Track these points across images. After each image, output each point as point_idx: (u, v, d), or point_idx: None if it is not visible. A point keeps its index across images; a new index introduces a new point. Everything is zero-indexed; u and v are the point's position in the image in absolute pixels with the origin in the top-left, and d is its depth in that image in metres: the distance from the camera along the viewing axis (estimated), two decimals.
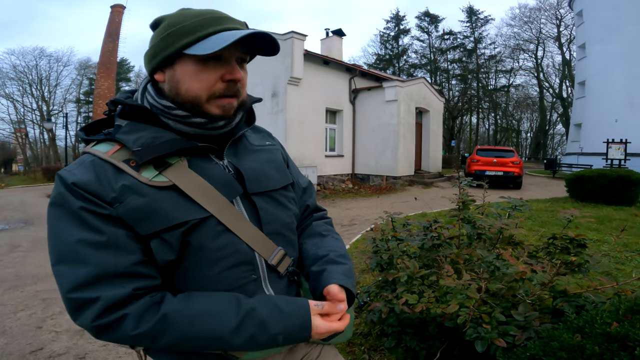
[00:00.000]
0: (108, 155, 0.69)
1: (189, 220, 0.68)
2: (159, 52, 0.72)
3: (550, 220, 6.16)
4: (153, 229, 0.66)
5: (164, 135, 0.72)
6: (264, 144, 0.91)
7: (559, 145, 39.88)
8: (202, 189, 0.70)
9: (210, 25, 0.70)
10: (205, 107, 0.72)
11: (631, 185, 7.61)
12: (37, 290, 3.83)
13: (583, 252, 1.89)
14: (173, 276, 0.71)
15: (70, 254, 0.63)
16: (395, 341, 2.14)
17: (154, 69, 0.74)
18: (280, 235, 0.81)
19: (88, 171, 0.67)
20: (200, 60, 0.70)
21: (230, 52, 0.71)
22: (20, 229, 7.20)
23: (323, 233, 0.92)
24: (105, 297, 0.62)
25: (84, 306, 0.62)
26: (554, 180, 15.78)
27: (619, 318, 1.14)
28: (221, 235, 0.71)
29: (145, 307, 0.64)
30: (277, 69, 11.78)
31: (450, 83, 37.47)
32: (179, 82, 0.72)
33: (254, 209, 0.78)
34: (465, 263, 2.03)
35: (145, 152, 0.68)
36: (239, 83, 0.74)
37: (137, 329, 0.63)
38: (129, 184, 0.66)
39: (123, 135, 0.71)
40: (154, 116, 0.75)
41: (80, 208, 0.64)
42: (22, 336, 2.82)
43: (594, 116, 19.99)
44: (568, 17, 30.53)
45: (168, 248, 0.67)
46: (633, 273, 3.28)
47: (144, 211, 0.66)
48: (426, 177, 14.17)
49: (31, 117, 33.34)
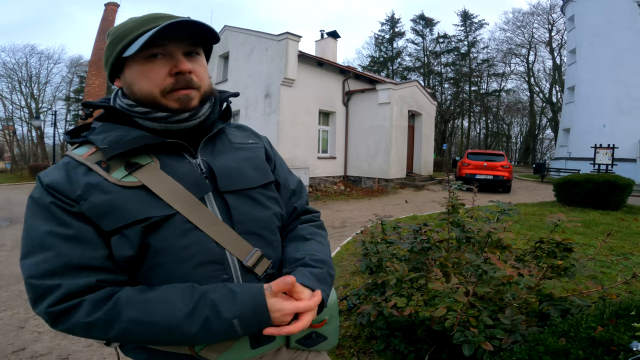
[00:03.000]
0: (83, 158, 0.72)
1: (151, 217, 0.68)
2: (106, 61, 0.77)
3: (538, 224, 6.23)
4: (115, 225, 0.67)
5: (131, 133, 0.74)
6: (246, 142, 0.89)
7: (547, 149, 40.41)
8: (170, 188, 0.71)
9: (142, 26, 0.72)
10: (162, 102, 0.74)
11: (618, 190, 7.74)
12: (20, 289, 3.76)
13: (569, 256, 1.92)
14: (138, 274, 0.71)
15: (39, 245, 0.66)
16: (384, 344, 2.14)
17: (110, 76, 0.79)
18: (256, 236, 0.78)
19: (60, 172, 0.70)
20: (144, 59, 0.72)
21: (175, 47, 0.73)
22: (4, 228, 7.06)
23: (307, 236, 0.89)
24: (66, 285, 0.63)
25: (45, 293, 0.64)
26: (543, 184, 16.00)
27: (604, 322, 1.15)
28: (188, 234, 0.70)
29: (103, 295, 0.65)
30: (270, 70, 11.76)
31: (443, 86, 37.73)
32: (132, 84, 0.75)
33: (227, 207, 0.76)
34: (454, 266, 2.04)
35: (111, 148, 0.70)
36: (191, 74, 0.74)
37: (89, 316, 0.63)
38: (94, 182, 0.69)
39: (94, 135, 0.74)
40: (124, 116, 0.77)
41: (50, 203, 0.68)
42: (3, 336, 2.78)
43: (582, 121, 20.29)
44: (560, 22, 30.97)
45: (126, 244, 0.67)
46: (618, 277, 3.33)
47: (105, 207, 0.67)
48: (418, 180, 14.25)
49: (20, 115, 32.80)
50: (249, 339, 0.74)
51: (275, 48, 11.60)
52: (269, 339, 0.76)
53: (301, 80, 11.91)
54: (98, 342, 0.74)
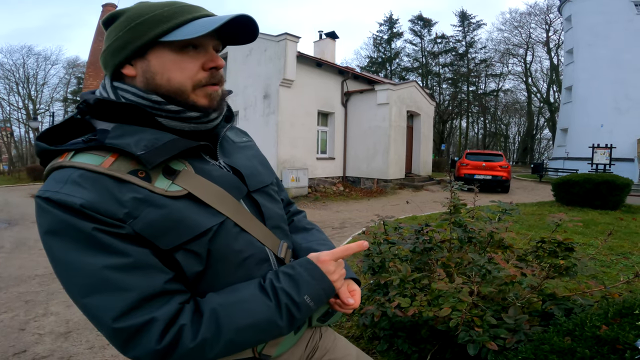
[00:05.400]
0: (105, 168, 0.60)
1: (212, 227, 0.65)
2: (128, 43, 0.66)
3: (538, 224, 6.25)
4: (177, 242, 0.61)
5: (163, 136, 0.66)
6: (242, 140, 0.90)
7: (545, 149, 40.53)
8: (215, 193, 0.68)
9: (186, 12, 0.67)
10: (191, 97, 0.68)
11: (616, 189, 7.77)
12: (20, 292, 3.75)
13: (571, 255, 1.92)
14: (199, 286, 0.66)
15: (101, 284, 0.55)
16: (387, 344, 2.14)
17: (121, 62, 0.68)
18: (279, 229, 0.82)
19: (90, 189, 0.58)
20: (178, 48, 0.67)
21: (208, 40, 0.70)
22: (3, 230, 7.04)
23: (307, 227, 0.97)
24: (161, 315, 0.57)
25: (138, 332, 0.56)
26: (541, 184, 16.04)
27: (608, 321, 1.15)
28: (239, 237, 0.70)
29: (192, 314, 0.60)
30: (269, 71, 11.75)
31: (441, 87, 37.84)
32: (157, 74, 0.67)
33: (256, 206, 0.78)
34: (456, 266, 2.04)
35: (152, 155, 0.62)
36: (220, 71, 0.73)
37: (196, 338, 0.58)
38: (141, 196, 0.60)
39: (117, 139, 0.63)
40: (147, 116, 0.67)
41: (93, 229, 0.56)
42: (4, 338, 2.76)
43: (580, 121, 20.35)
44: (557, 22, 31.10)
45: (196, 259, 0.63)
46: (620, 276, 3.34)
47: (164, 224, 0.60)
48: (416, 180, 14.27)
49: (17, 116, 32.76)
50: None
51: (274, 49, 11.59)
52: (305, 324, 0.82)
53: (300, 81, 11.90)
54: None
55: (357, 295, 0.80)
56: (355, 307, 0.78)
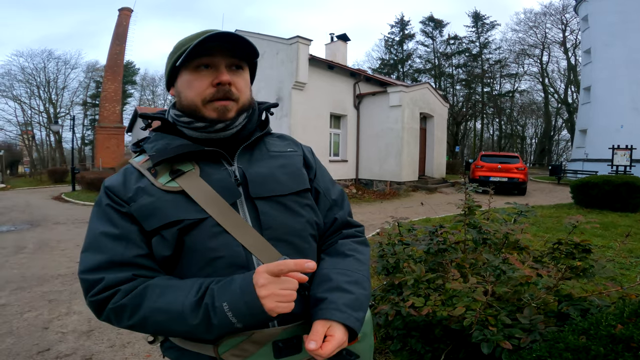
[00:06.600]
0: (139, 165, 0.81)
1: (184, 219, 0.73)
2: (165, 71, 0.86)
3: (555, 227, 6.14)
4: (154, 225, 0.73)
5: (175, 142, 0.81)
6: (284, 150, 0.91)
7: (564, 151, 39.64)
8: (205, 193, 0.76)
9: (195, 38, 0.76)
10: (202, 111, 0.79)
11: (636, 191, 7.58)
12: (44, 291, 3.87)
13: (588, 257, 1.91)
14: (172, 273, 0.77)
15: (93, 243, 0.74)
16: (400, 344, 2.16)
17: (167, 86, 0.88)
18: (285, 242, 0.78)
19: (118, 177, 0.80)
20: (193, 69, 0.78)
21: (218, 59, 0.78)
22: (26, 231, 7.28)
23: (346, 252, 0.86)
24: (108, 278, 0.70)
25: (91, 286, 0.71)
26: (559, 186, 15.72)
27: (624, 320, 1.15)
28: (217, 237, 0.74)
29: (135, 286, 0.71)
30: (281, 74, 11.86)
31: (454, 88, 37.48)
32: (180, 93, 0.82)
33: (256, 213, 0.78)
34: (470, 267, 2.05)
35: (156, 155, 0.78)
36: (230, 86, 0.79)
37: (116, 302, 0.69)
38: (143, 186, 0.77)
39: (147, 144, 0.84)
40: (172, 126, 0.85)
41: (107, 205, 0.77)
42: (29, 337, 2.85)
43: (599, 122, 19.88)
44: (574, 22, 30.50)
45: (164, 244, 0.73)
46: (638, 278, 3.27)
47: (149, 208, 0.74)
48: (430, 182, 14.16)
49: (38, 119, 33.69)
50: (272, 347, 0.74)
51: (286, 52, 11.70)
52: (293, 350, 0.75)
53: (312, 84, 11.98)
54: (144, 338, 0.81)
55: (330, 344, 0.68)
56: (319, 355, 0.66)
